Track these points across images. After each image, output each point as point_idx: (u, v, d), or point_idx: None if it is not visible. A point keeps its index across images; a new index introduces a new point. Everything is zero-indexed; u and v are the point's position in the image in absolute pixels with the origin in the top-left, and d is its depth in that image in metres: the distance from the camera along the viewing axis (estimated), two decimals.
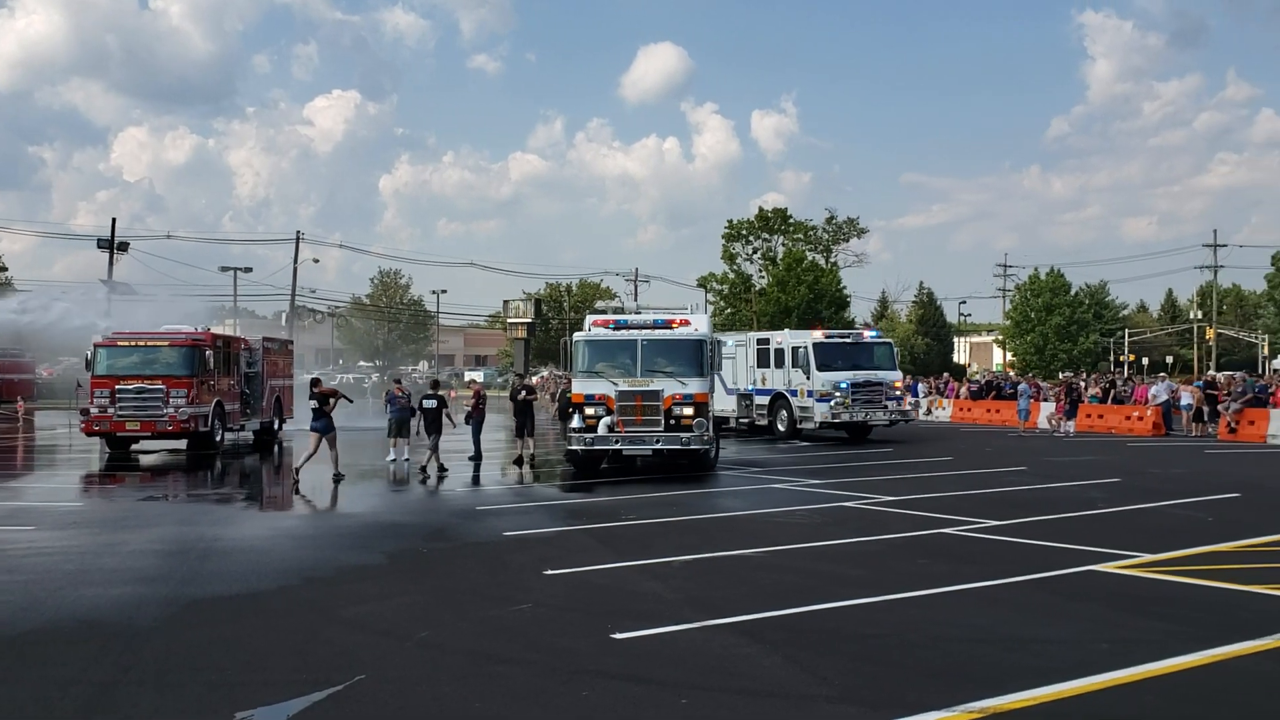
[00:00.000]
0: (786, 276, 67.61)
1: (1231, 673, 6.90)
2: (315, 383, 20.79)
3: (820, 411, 27.69)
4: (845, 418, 27.67)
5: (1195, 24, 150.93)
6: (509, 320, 64.21)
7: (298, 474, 18.56)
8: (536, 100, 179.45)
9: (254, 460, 25.14)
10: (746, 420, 30.60)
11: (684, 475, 19.43)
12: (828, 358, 28.19)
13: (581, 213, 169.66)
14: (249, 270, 71.08)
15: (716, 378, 28.81)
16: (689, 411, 19.05)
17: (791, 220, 77.22)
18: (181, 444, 25.35)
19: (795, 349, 28.66)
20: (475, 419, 22.07)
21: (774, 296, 67.04)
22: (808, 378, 28.06)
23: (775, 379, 29.44)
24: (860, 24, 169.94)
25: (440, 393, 21.95)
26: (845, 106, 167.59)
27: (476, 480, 19.62)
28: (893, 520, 13.85)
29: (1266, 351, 74.87)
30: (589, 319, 20.71)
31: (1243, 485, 17.19)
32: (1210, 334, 79.10)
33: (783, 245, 76.19)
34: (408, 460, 21.48)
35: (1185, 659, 7.11)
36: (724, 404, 29.74)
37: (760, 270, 75.91)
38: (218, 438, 25.48)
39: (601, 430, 18.90)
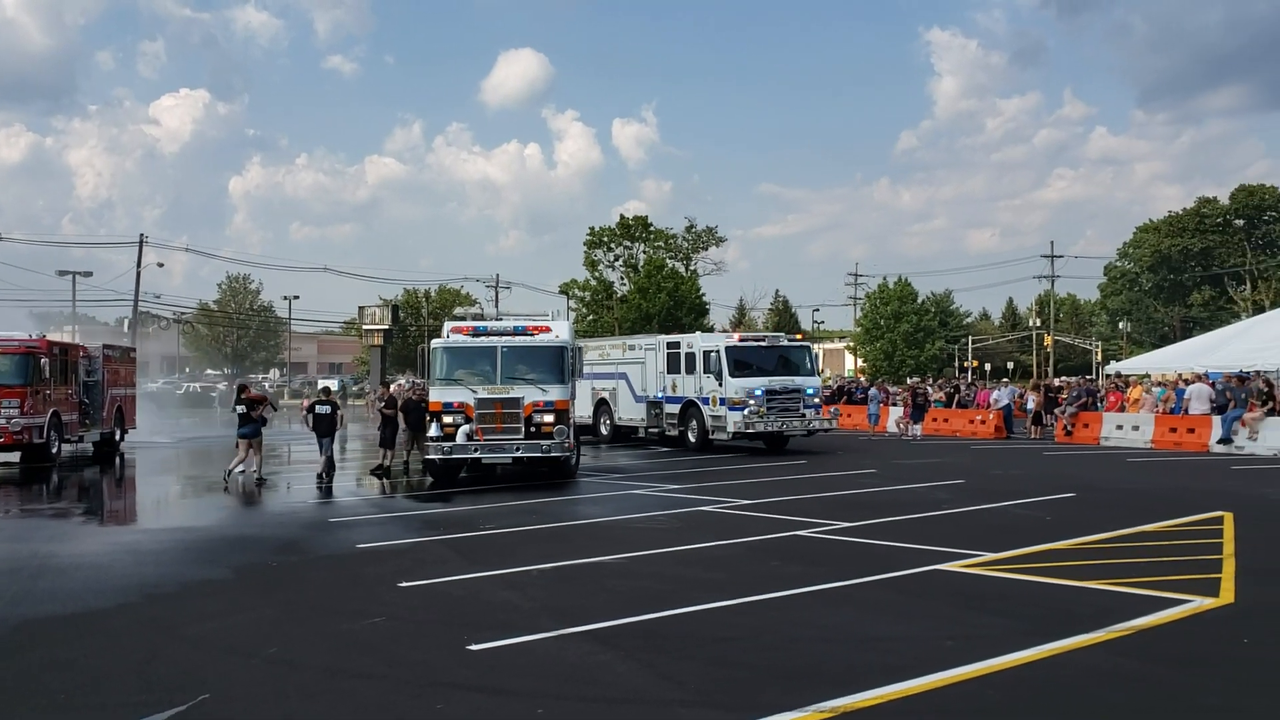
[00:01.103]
0: (647, 284, 68.21)
1: (1068, 666, 7.21)
2: (243, 389, 21.36)
3: (733, 421, 25.53)
4: (760, 427, 25.64)
5: (1035, 44, 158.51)
6: (365, 327, 62.87)
7: (227, 478, 19.35)
8: (394, 103, 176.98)
9: (94, 473, 24.01)
10: (656, 430, 28.46)
11: (545, 483, 19.36)
12: (742, 363, 26.24)
13: (441, 218, 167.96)
14: (89, 275, 67.80)
15: (625, 384, 28.94)
16: (550, 419, 18.99)
17: (652, 228, 77.96)
18: (14, 457, 24.06)
19: (708, 353, 26.50)
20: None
21: (635, 303, 67.55)
22: (720, 384, 25.93)
23: (686, 386, 27.29)
24: (717, 37, 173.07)
25: (333, 399, 21.84)
26: (704, 118, 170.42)
27: (329, 492, 19.15)
28: (749, 523, 14.06)
29: (1100, 357, 78.82)
30: (448, 326, 20.44)
31: (1078, 485, 18.02)
32: (1048, 341, 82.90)
33: (644, 253, 76.82)
34: (255, 472, 20.84)
35: (1025, 654, 7.39)
36: (632, 413, 29.13)
37: (622, 277, 76.38)
38: (54, 450, 24.26)
39: (460, 439, 18.69)
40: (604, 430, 30.41)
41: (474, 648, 7.78)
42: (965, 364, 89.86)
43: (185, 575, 11.00)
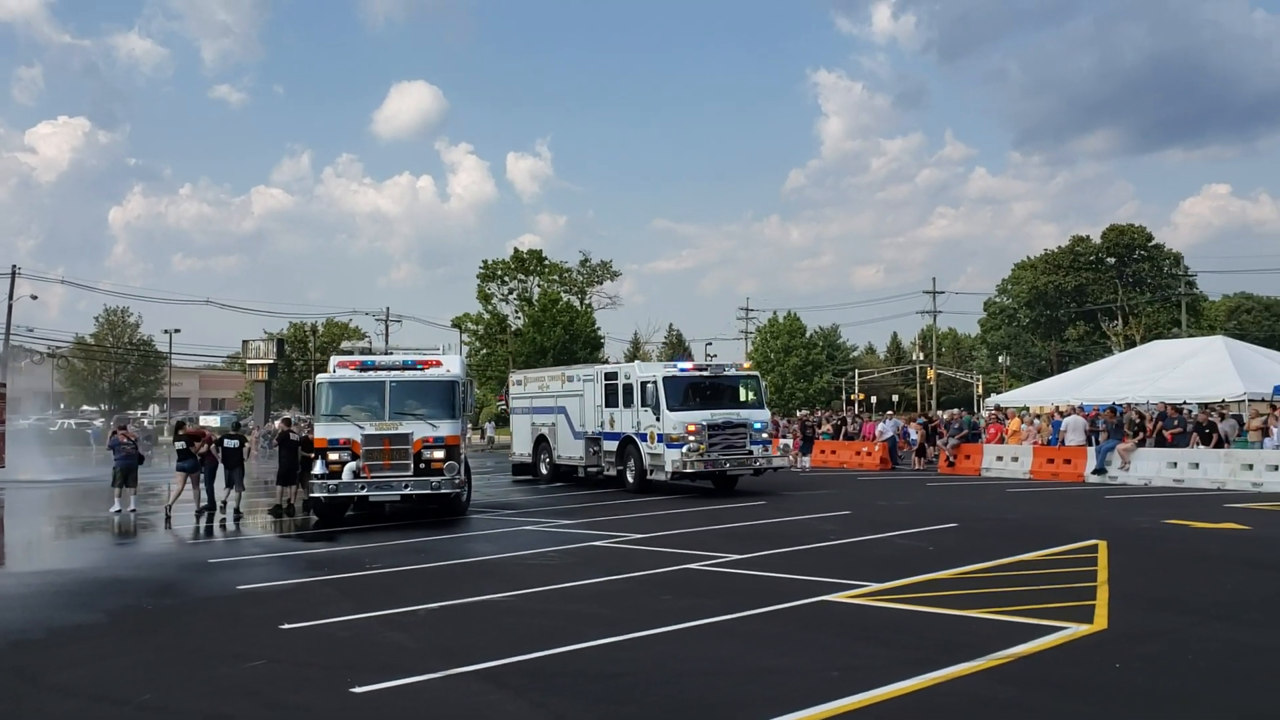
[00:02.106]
0: (542, 317, 68.12)
1: (950, 694, 7.34)
2: (180, 425, 23.25)
3: (671, 459, 23.06)
4: (698, 467, 23.05)
5: (917, 87, 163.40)
6: (249, 361, 61.39)
7: (169, 512, 19.79)
8: (283, 134, 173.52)
9: None
10: (595, 469, 26.16)
11: (434, 520, 19.09)
12: (681, 395, 23.75)
13: (330, 250, 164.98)
14: None
15: (564, 418, 27.30)
16: (440, 455, 18.73)
17: (547, 262, 77.98)
18: None
19: (644, 384, 24.02)
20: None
21: (530, 337, 67.38)
22: (657, 419, 23.51)
23: (624, 420, 24.85)
24: (611, 73, 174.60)
25: (241, 433, 22.02)
26: (599, 153, 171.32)
27: (210, 531, 18.57)
28: (640, 558, 14.06)
29: (980, 390, 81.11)
30: (334, 360, 20.07)
31: (959, 515, 18.45)
32: (931, 374, 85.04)
33: (538, 286, 76.75)
34: (134, 511, 20.13)
35: (909, 683, 7.51)
36: (572, 450, 27.06)
37: (516, 311, 76.13)
38: None
39: (346, 476, 18.30)
40: (544, 469, 28.57)
41: (358, 690, 7.60)
42: (852, 397, 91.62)
43: (54, 620, 10.55)
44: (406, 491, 18.71)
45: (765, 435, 24.33)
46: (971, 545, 14.79)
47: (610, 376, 25.76)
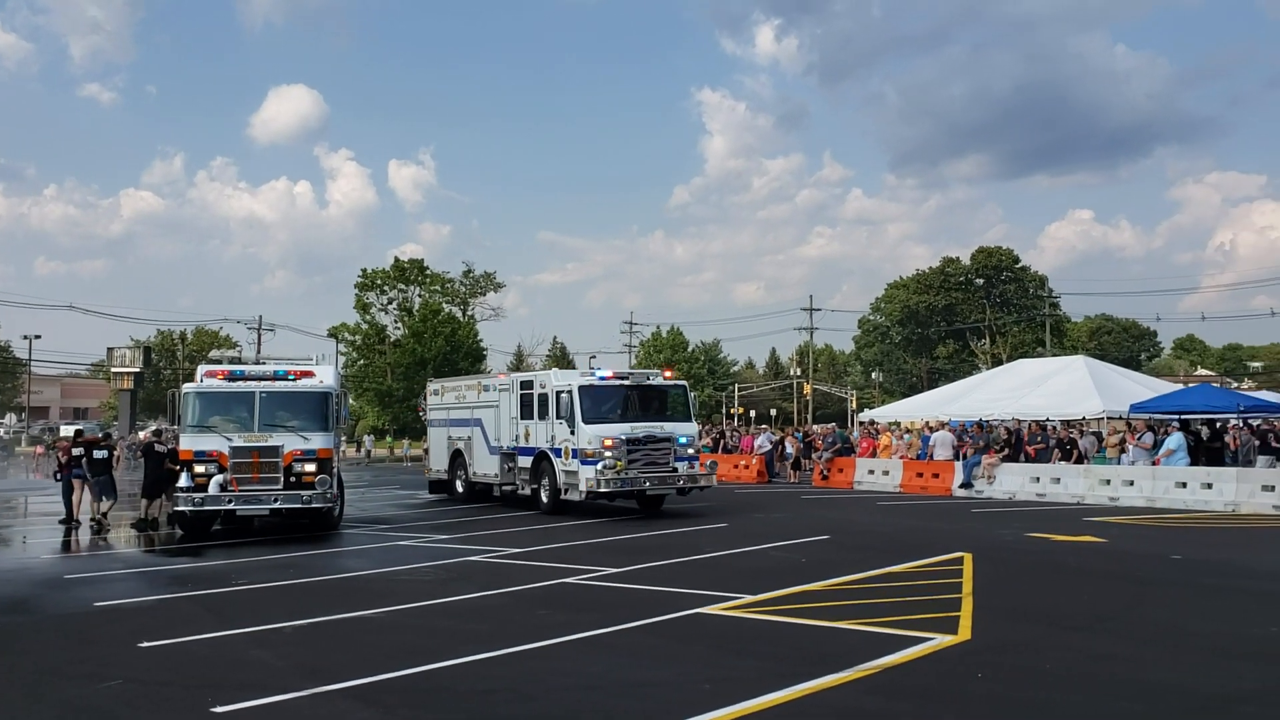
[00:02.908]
0: (422, 328, 67.26)
1: (818, 705, 7.45)
2: (79, 432, 23.14)
3: (585, 477, 20.75)
4: (614, 486, 20.68)
5: (799, 109, 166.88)
6: (114, 370, 59.25)
7: (104, 518, 19.93)
8: (155, 135, 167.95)
9: None
10: (511, 487, 23.83)
11: (305, 535, 18.64)
12: (599, 406, 21.48)
13: (202, 256, 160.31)
14: None
15: (480, 431, 25.10)
16: (311, 468, 18.27)
17: (429, 272, 77.03)
18: None
19: (559, 394, 21.71)
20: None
21: (409, 348, 66.44)
22: (572, 432, 21.21)
23: (539, 434, 22.61)
24: (498, 84, 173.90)
25: (111, 442, 21.49)
26: (485, 163, 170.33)
27: (68, 545, 17.79)
28: (517, 572, 13.95)
29: (854, 405, 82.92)
30: (201, 369, 19.40)
31: (832, 528, 18.80)
32: (807, 389, 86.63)
33: (419, 296, 75.76)
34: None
35: (779, 694, 7.60)
36: (487, 466, 24.78)
37: (396, 321, 74.99)
38: None
39: (213, 489, 17.72)
40: (459, 487, 26.39)
41: (219, 710, 7.36)
42: (732, 410, 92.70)
43: None
44: (276, 505, 18.21)
45: (692, 451, 22.18)
46: (843, 557, 15.07)
47: (526, 386, 23.63)
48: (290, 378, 19.01)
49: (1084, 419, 31.58)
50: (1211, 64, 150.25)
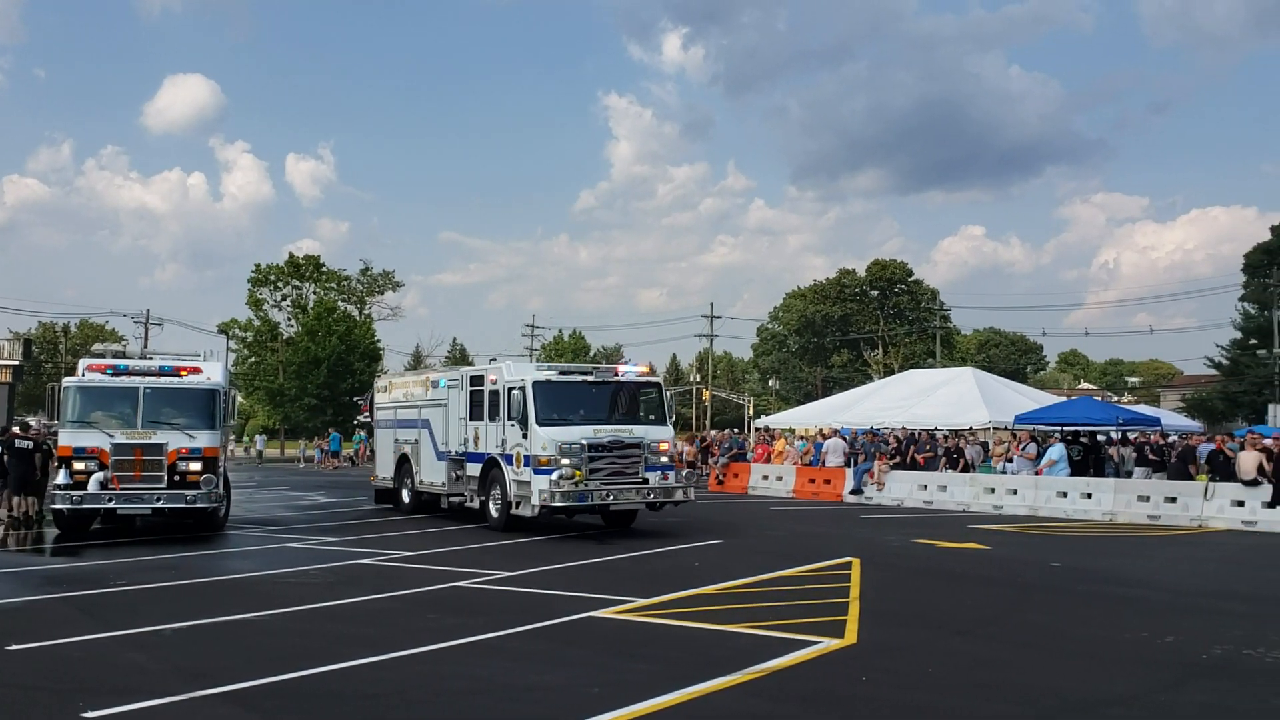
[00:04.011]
0: (317, 326, 65.88)
1: (705, 708, 7.50)
2: (4, 430, 22.10)
3: (538, 489, 17.71)
4: (570, 500, 17.70)
5: (704, 118, 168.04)
6: None
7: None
8: (42, 120, 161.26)
9: None
10: (459, 498, 20.73)
11: (188, 536, 18.13)
12: (557, 405, 18.48)
13: (89, 246, 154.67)
14: None
15: (427, 434, 22.20)
16: (196, 467, 17.76)
17: (325, 268, 75.60)
18: None
19: (511, 390, 18.68)
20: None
21: (303, 346, 65.03)
22: (525, 435, 18.22)
23: (489, 437, 19.51)
24: (402, 80, 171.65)
25: (36, 434, 20.51)
26: (386, 160, 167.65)
27: None
28: (408, 575, 13.77)
29: (751, 412, 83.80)
30: (83, 363, 18.73)
31: (726, 532, 18.96)
32: (706, 395, 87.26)
33: (314, 294, 74.27)
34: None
35: (667, 698, 7.62)
36: (434, 475, 21.71)
37: (289, 318, 73.43)
38: None
39: (93, 487, 17.11)
40: (405, 497, 23.25)
41: (90, 715, 7.11)
42: None
43: None
44: (159, 505, 17.66)
45: (666, 459, 19.09)
46: (735, 561, 15.22)
47: (476, 381, 20.45)
48: (177, 374, 18.48)
49: (971, 429, 32.45)
50: (1100, 88, 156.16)
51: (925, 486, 26.12)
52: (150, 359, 19.79)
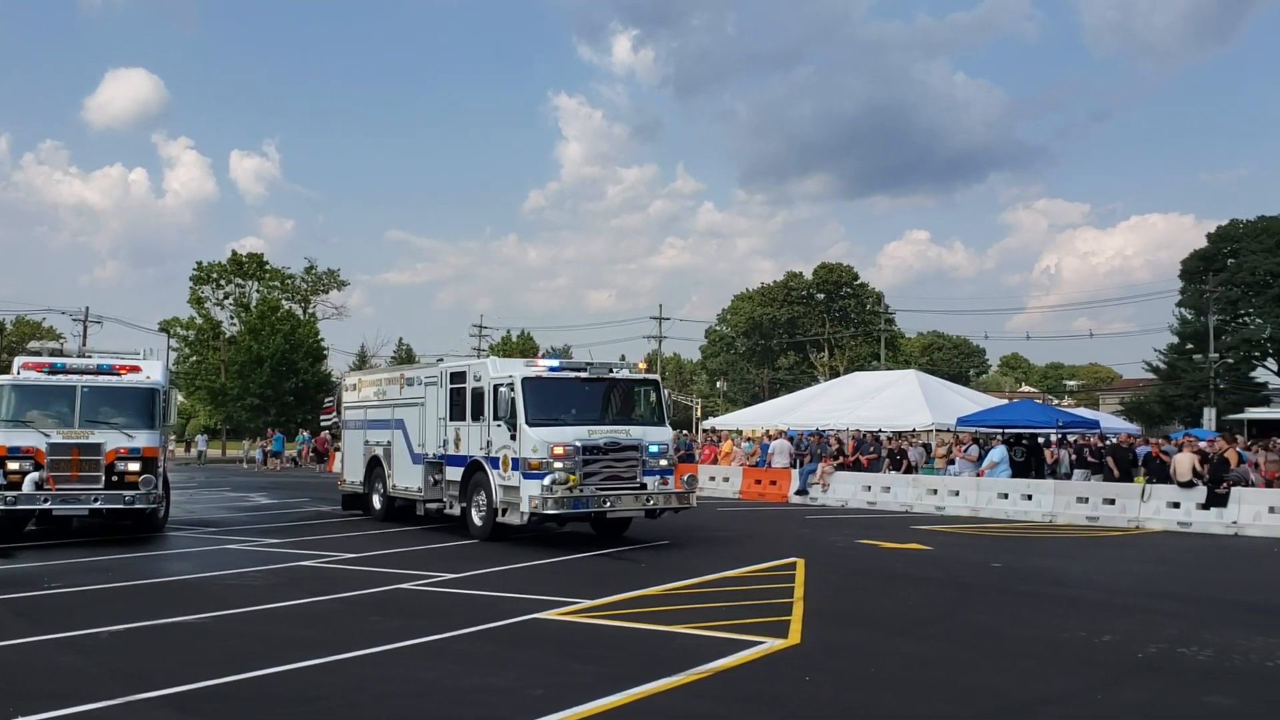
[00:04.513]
0: (260, 325, 65.01)
1: (649, 709, 7.52)
2: None
3: (529, 495, 16.44)
4: (563, 507, 16.34)
5: (654, 120, 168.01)
6: None
7: None
8: None
9: None
10: (437, 504, 19.39)
11: (127, 538, 17.82)
12: (549, 404, 17.23)
13: (26, 242, 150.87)
14: None
15: (401, 435, 20.90)
16: (135, 467, 17.44)
17: (269, 266, 74.69)
18: None
19: (498, 388, 17.29)
20: None
21: (245, 345, 64.16)
22: (513, 436, 16.90)
23: (472, 439, 18.18)
24: (350, 77, 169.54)
25: None
26: (333, 158, 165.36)
27: None
28: (351, 578, 13.64)
29: (699, 413, 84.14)
30: (18, 361, 18.37)
31: (672, 533, 19.00)
32: None
33: (258, 292, 73.36)
34: None
35: (612, 699, 7.63)
36: (409, 479, 20.28)
37: (232, 317, 72.46)
38: None
39: (27, 488, 16.75)
40: (376, 503, 21.89)
41: None
42: None
43: None
44: (96, 506, 17.33)
45: (665, 462, 17.78)
46: (681, 562, 15.28)
47: (457, 378, 19.10)
48: (115, 372, 18.17)
49: (914, 430, 32.81)
50: (1043, 96, 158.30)
51: (869, 488, 26.38)
52: (89, 357, 19.46)
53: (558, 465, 16.45)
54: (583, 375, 18.10)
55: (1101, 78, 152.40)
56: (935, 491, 25.01)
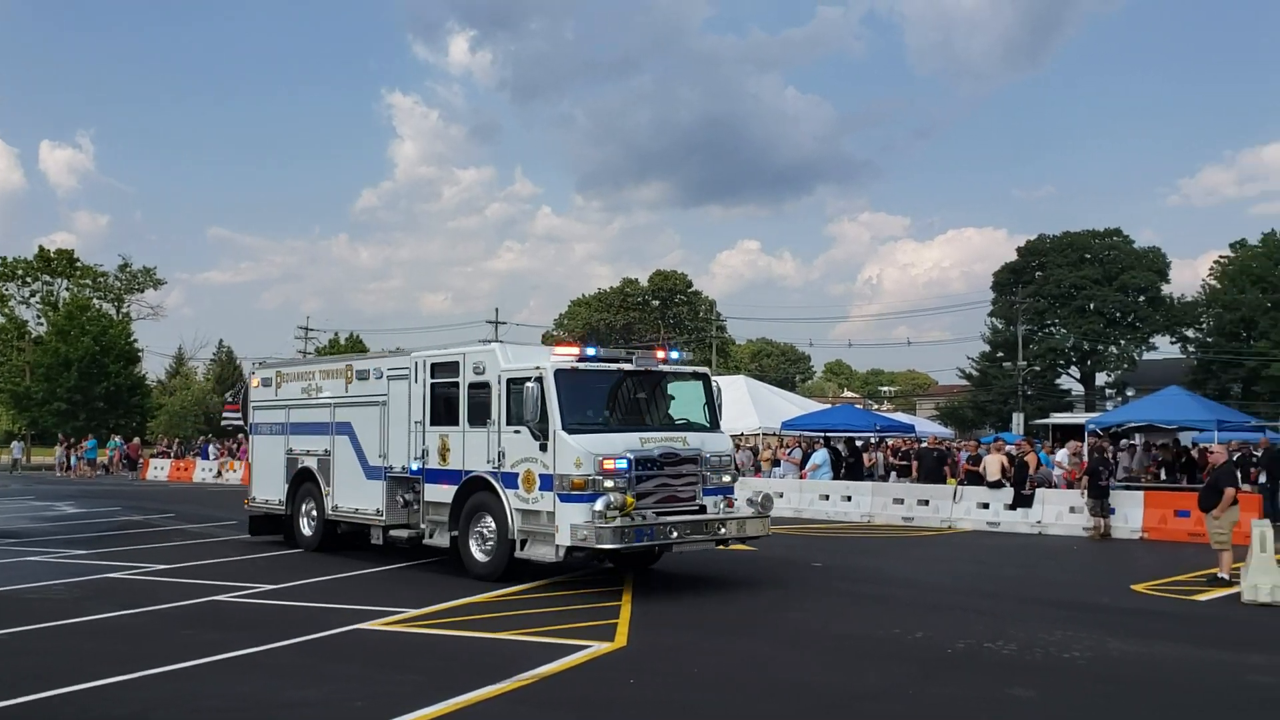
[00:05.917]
0: (68, 325, 61.70)
1: (473, 717, 7.49)
2: None
3: (572, 523, 12.56)
4: (623, 540, 12.38)
5: (491, 123, 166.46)
6: None
7: None
8: None
9: None
10: (407, 531, 15.41)
11: None
12: (586, 405, 13.67)
13: None
14: None
15: (348, 442, 16.81)
16: None
17: (80, 264, 70.99)
18: None
19: (514, 385, 13.60)
20: None
21: (52, 346, 60.77)
22: (545, 446, 13.02)
23: (471, 448, 14.30)
24: (171, 67, 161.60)
25: None
26: (152, 151, 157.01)
27: None
28: (163, 590, 13.10)
29: None
30: None
31: None
32: None
33: (67, 290, 69.63)
34: None
35: (433, 709, 7.56)
36: (360, 498, 16.28)
37: (39, 316, 68.60)
38: None
39: None
40: (307, 528, 17.65)
41: None
42: None
43: None
44: None
45: (728, 478, 14.40)
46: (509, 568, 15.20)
47: (443, 371, 15.09)
48: None
49: (742, 434, 33.52)
50: (869, 112, 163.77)
51: None
52: None
53: (608, 484, 12.70)
54: (626, 367, 14.32)
55: (924, 96, 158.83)
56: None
